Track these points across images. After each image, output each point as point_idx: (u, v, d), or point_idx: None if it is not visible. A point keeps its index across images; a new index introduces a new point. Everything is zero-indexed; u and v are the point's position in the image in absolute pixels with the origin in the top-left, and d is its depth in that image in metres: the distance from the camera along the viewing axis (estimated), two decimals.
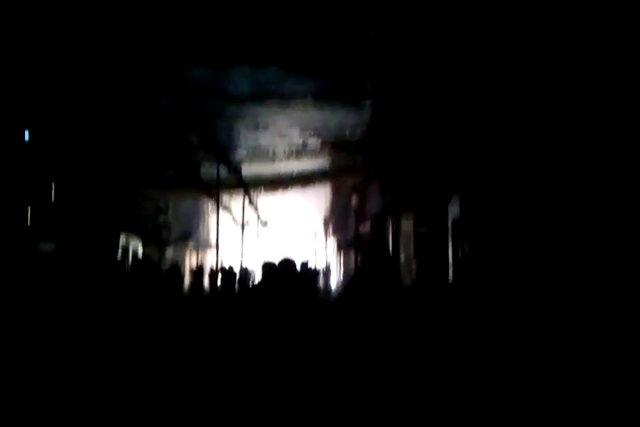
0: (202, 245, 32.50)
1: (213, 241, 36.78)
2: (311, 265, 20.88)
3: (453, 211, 9.65)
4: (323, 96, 11.43)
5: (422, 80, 9.96)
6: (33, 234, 13.07)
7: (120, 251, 21.89)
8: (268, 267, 4.59)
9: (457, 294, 7.19)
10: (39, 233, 13.54)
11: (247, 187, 16.99)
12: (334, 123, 12.57)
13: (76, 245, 15.22)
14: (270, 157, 14.37)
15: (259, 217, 25.71)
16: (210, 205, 29.27)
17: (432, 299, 6.08)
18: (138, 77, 10.69)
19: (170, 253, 26.64)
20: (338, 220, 27.27)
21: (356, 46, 9.57)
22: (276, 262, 4.59)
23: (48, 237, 14.09)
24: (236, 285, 18.64)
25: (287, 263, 4.53)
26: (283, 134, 13.02)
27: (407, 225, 13.94)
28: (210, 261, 29.13)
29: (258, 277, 18.82)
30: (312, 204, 24.09)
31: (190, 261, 30.96)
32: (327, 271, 27.61)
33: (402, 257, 14.45)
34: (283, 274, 4.48)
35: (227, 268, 20.85)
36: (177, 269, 12.10)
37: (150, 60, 9.95)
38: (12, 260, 10.75)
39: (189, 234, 29.25)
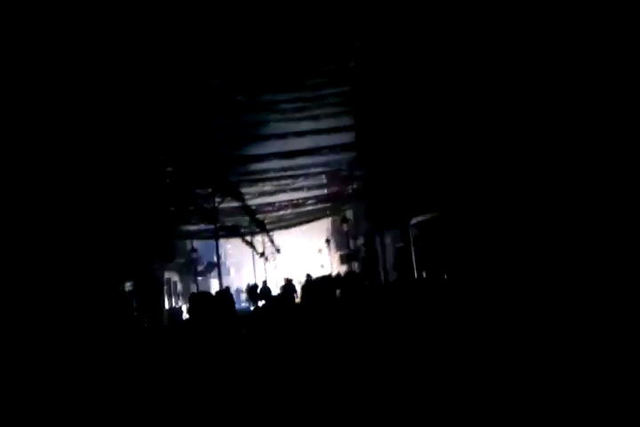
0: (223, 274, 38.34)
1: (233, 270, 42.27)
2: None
3: (412, 232, 15.12)
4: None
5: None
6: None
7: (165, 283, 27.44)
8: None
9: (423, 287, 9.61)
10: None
11: (264, 227, 21.91)
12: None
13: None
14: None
15: (275, 247, 31.39)
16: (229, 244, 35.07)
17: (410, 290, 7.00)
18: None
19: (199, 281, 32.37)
20: (337, 240, 33.08)
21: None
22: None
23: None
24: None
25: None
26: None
27: (389, 241, 19.50)
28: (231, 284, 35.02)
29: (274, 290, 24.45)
30: (316, 232, 29.97)
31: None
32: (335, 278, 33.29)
33: (388, 263, 19.98)
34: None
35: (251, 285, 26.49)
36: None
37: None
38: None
39: (213, 266, 34.78)
